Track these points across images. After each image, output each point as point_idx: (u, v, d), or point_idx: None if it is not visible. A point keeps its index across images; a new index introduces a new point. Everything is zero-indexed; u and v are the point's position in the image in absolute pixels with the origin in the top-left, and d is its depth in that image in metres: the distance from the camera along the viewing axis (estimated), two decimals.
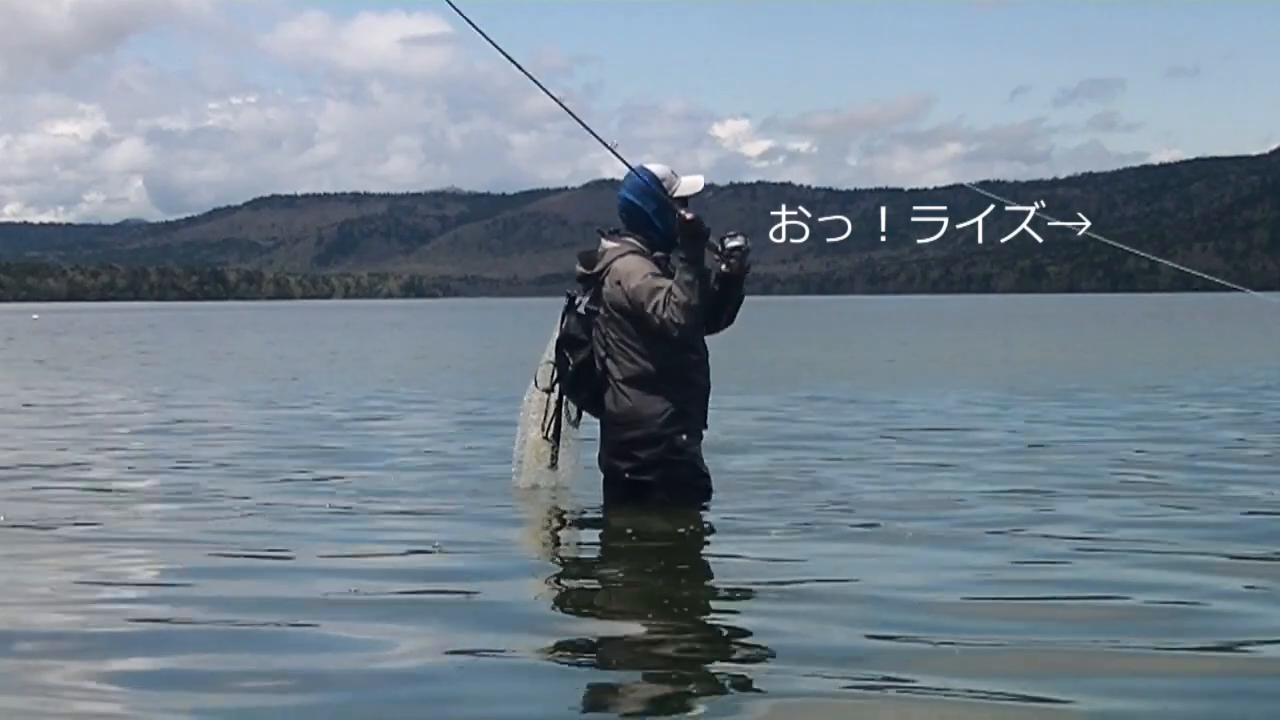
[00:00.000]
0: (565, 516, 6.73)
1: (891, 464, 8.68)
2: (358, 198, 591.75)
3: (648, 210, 6.45)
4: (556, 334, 6.60)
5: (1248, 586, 5.07)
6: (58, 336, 44.11)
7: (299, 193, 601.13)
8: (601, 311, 6.40)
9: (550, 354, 6.65)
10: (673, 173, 6.55)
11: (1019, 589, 5.05)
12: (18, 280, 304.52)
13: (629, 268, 6.32)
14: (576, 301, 6.53)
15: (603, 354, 6.44)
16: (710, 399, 6.59)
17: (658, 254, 6.42)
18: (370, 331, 48.77)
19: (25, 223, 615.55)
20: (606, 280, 6.37)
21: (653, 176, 6.48)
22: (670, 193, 6.46)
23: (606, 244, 6.51)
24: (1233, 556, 5.55)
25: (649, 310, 6.17)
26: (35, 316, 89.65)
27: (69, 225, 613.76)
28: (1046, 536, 6.03)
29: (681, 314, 6.12)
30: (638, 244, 6.42)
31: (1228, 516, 6.58)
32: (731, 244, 6.29)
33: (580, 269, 6.57)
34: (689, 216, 6.18)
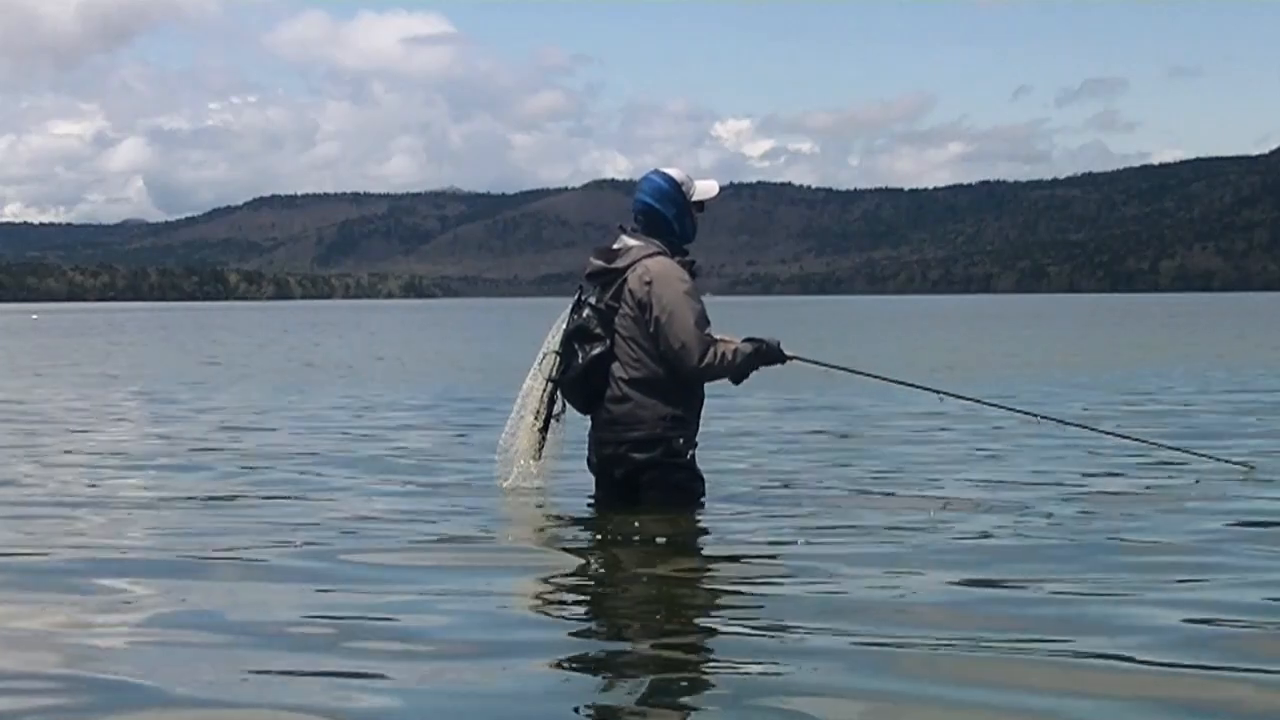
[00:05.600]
0: (555, 518, 6.63)
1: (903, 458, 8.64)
2: (358, 198, 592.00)
3: (668, 215, 6.41)
4: (566, 326, 6.48)
5: None
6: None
7: (299, 193, 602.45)
8: (622, 308, 6.32)
9: (556, 345, 6.53)
10: (688, 176, 6.52)
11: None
12: (18, 280, 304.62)
13: (665, 271, 6.26)
14: (585, 297, 6.42)
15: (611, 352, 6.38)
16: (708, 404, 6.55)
17: (682, 258, 6.39)
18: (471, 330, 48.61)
19: (25, 223, 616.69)
20: (631, 275, 6.29)
21: (672, 180, 6.45)
22: (688, 197, 6.46)
23: (629, 241, 6.42)
24: None
25: (686, 345, 6.17)
26: (35, 317, 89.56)
27: (69, 225, 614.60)
28: None
29: (705, 375, 6.29)
30: (660, 246, 6.38)
31: None
32: (787, 354, 6.48)
33: (598, 263, 6.43)
34: (789, 355, 6.48)
